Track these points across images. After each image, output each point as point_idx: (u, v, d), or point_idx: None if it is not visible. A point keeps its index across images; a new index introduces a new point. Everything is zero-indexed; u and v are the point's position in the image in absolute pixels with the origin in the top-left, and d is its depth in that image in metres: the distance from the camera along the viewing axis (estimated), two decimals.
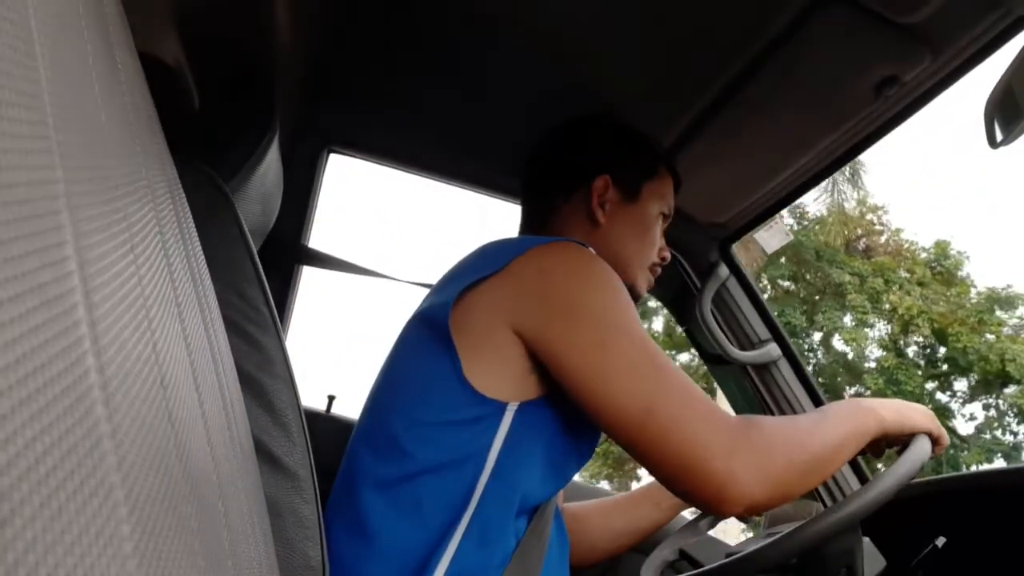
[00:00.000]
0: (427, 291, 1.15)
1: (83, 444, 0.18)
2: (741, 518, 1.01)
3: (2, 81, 0.17)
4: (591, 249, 1.02)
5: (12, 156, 0.17)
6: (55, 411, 0.16)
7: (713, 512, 0.91)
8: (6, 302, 0.15)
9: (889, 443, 1.03)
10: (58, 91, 0.22)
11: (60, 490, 0.16)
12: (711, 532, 1.27)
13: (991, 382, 14.22)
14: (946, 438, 1.03)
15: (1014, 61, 0.88)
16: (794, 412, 1.56)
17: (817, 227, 14.81)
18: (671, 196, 1.24)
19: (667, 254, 1.23)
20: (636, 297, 1.20)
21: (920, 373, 14.48)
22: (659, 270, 1.23)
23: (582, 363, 0.90)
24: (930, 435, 1.01)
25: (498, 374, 0.94)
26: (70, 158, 0.21)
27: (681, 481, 0.87)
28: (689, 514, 1.42)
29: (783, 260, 14.23)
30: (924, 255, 15.26)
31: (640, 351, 0.91)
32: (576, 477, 1.11)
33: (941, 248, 15.18)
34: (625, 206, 1.18)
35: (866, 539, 0.99)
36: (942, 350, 14.44)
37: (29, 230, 0.17)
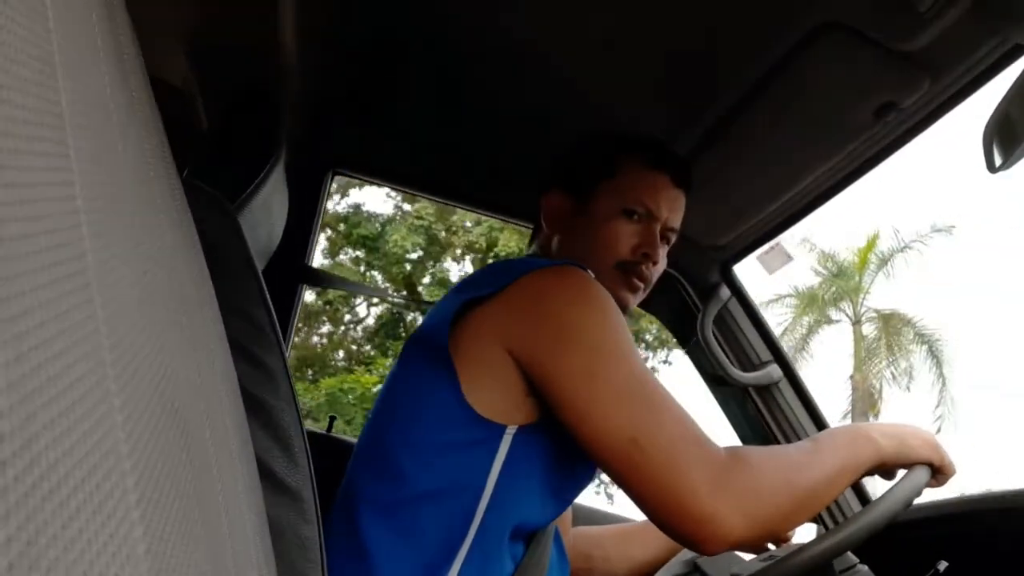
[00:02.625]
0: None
1: (102, 466, 0.18)
2: None
3: (29, 116, 0.18)
4: (589, 273, 1.00)
5: (40, 189, 0.17)
6: (77, 434, 0.17)
7: (695, 550, 0.88)
8: (33, 329, 0.16)
9: (887, 472, 1.00)
10: (78, 121, 0.23)
11: (81, 511, 0.17)
12: None
13: None
14: (951, 468, 1.00)
15: (1011, 88, 0.90)
16: (796, 433, 1.56)
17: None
18: (643, 190, 1.13)
19: (651, 251, 1.11)
20: (620, 305, 1.08)
21: None
22: (643, 271, 1.12)
23: (571, 389, 0.89)
24: (931, 464, 0.98)
25: (497, 397, 0.93)
26: (90, 188, 0.22)
27: (663, 516, 0.85)
28: None
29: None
30: None
31: (629, 379, 0.89)
32: (598, 505, 1.09)
33: None
34: (578, 210, 1.15)
35: (864, 567, 0.98)
36: None
37: (55, 259, 0.17)
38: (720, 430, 1.52)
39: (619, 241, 1.11)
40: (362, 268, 13.10)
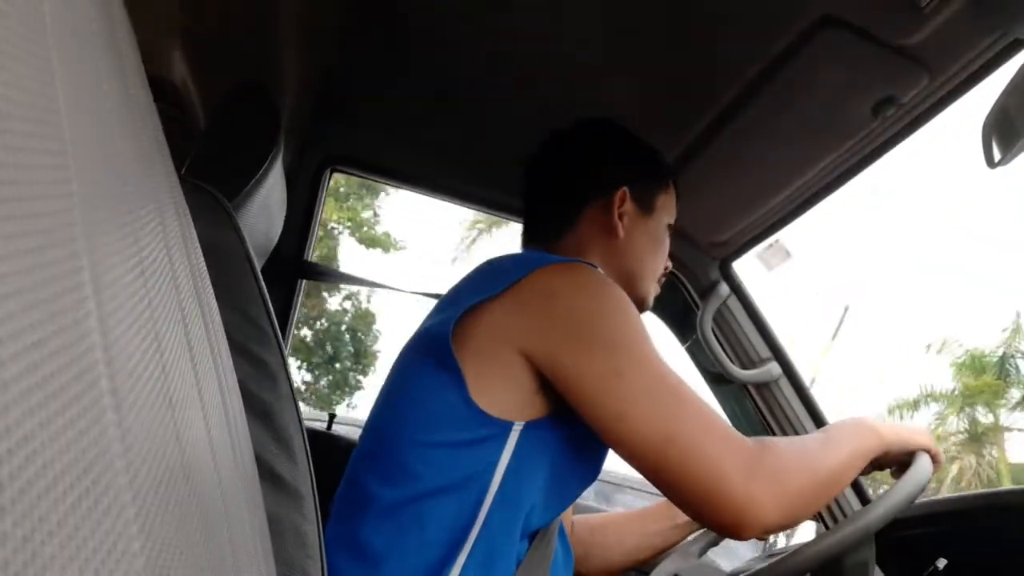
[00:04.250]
0: (432, 301, 1.15)
1: (97, 464, 0.18)
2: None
3: (26, 113, 0.18)
4: (600, 270, 1.00)
5: (36, 187, 0.17)
6: (72, 432, 0.17)
7: (731, 536, 0.90)
8: (28, 329, 0.16)
9: (887, 462, 1.04)
10: (76, 118, 0.23)
11: (76, 509, 0.17)
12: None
13: None
14: (942, 457, 1.05)
15: (1009, 83, 0.90)
16: (795, 431, 1.56)
17: None
18: (675, 207, 1.23)
19: (670, 264, 1.24)
20: (644, 308, 1.20)
21: None
22: (663, 279, 1.23)
23: (598, 391, 0.88)
24: (928, 451, 1.02)
25: (504, 394, 0.92)
26: (87, 185, 0.22)
27: (700, 507, 0.87)
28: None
29: None
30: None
31: (655, 377, 0.89)
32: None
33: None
34: (641, 219, 1.16)
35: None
36: None
37: (50, 257, 0.17)
38: None
39: (666, 253, 1.22)
40: None
